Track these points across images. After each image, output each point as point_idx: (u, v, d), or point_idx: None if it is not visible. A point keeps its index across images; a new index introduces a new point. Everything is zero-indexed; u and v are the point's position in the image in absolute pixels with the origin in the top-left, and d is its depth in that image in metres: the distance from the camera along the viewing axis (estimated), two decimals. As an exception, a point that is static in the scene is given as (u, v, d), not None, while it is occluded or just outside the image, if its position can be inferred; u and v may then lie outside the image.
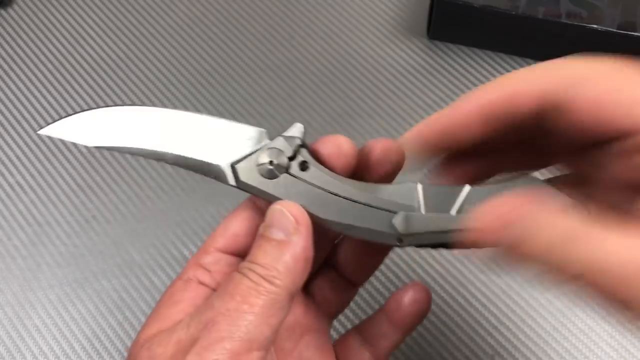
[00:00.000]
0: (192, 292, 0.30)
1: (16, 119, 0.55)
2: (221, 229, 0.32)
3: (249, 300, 0.26)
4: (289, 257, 0.28)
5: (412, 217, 0.29)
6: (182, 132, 0.31)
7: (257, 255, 0.28)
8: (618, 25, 0.52)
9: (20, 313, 0.47)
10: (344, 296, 0.35)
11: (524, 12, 0.53)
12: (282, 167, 0.30)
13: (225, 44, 0.59)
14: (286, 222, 0.28)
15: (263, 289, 0.27)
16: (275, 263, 0.27)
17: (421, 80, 0.56)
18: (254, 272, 0.27)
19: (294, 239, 0.28)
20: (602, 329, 0.46)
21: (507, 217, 0.25)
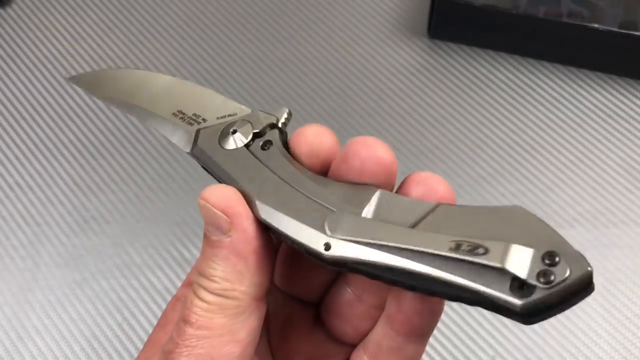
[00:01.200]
0: (178, 313, 0.27)
1: (15, 119, 0.55)
2: None
3: (201, 323, 0.23)
4: (233, 258, 0.24)
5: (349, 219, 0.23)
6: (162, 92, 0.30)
7: (203, 266, 0.24)
8: (619, 24, 0.52)
9: (19, 314, 0.47)
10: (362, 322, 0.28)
11: (525, 11, 0.53)
12: (242, 139, 0.27)
13: (224, 43, 0.58)
14: (216, 219, 0.24)
15: (215, 307, 0.23)
16: (216, 271, 0.24)
17: (421, 80, 0.56)
18: (203, 289, 0.24)
19: (232, 235, 0.24)
20: (602, 329, 0.46)
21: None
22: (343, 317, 0.28)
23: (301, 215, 0.24)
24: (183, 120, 0.29)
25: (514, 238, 0.20)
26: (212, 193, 0.24)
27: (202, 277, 0.24)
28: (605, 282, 0.47)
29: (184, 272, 0.48)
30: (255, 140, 0.27)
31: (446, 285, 0.20)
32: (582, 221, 0.50)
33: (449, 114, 0.54)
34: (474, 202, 0.50)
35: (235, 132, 0.27)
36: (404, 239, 0.21)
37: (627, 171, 0.52)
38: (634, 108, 0.54)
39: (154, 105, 0.29)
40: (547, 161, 0.52)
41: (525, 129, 0.54)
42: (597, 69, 0.56)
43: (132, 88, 0.30)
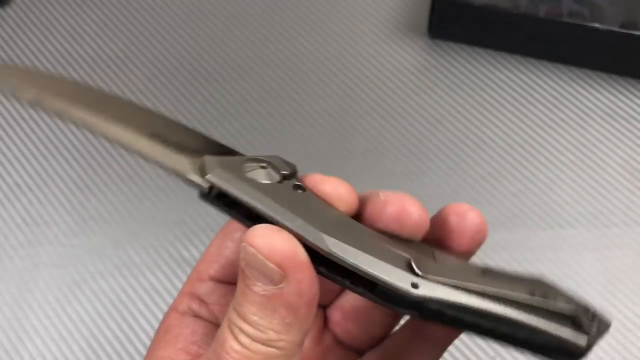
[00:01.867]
0: (189, 328, 0.26)
1: (14, 119, 0.54)
2: (214, 252, 0.28)
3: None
4: (284, 311, 0.22)
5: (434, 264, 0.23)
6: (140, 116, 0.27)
7: (244, 307, 0.22)
8: (620, 24, 0.52)
9: (17, 314, 0.47)
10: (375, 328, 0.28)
11: (526, 11, 0.53)
12: (275, 175, 0.24)
13: (224, 43, 0.58)
14: (267, 271, 0.22)
15: (260, 356, 0.22)
16: (266, 322, 0.22)
17: (421, 80, 0.56)
18: (245, 335, 0.22)
19: (284, 287, 0.22)
20: (604, 329, 0.46)
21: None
22: (358, 322, 0.28)
23: (378, 253, 0.22)
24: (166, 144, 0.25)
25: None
26: (262, 239, 0.22)
27: (244, 322, 0.22)
28: (606, 282, 0.47)
29: (184, 272, 0.48)
30: (285, 182, 0.24)
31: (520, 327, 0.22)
32: (582, 221, 0.49)
33: (449, 114, 0.54)
34: (474, 201, 0.50)
35: (265, 168, 0.24)
36: (491, 284, 0.22)
37: (627, 171, 0.52)
38: (635, 108, 0.54)
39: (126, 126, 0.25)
40: (548, 161, 0.52)
41: (526, 128, 0.54)
42: (598, 69, 0.56)
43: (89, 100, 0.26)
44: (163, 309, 0.47)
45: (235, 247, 0.27)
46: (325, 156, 0.52)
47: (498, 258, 0.48)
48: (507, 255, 0.48)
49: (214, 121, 0.54)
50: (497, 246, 0.48)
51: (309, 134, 0.54)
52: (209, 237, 0.49)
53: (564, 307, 0.22)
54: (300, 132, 0.54)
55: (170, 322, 0.27)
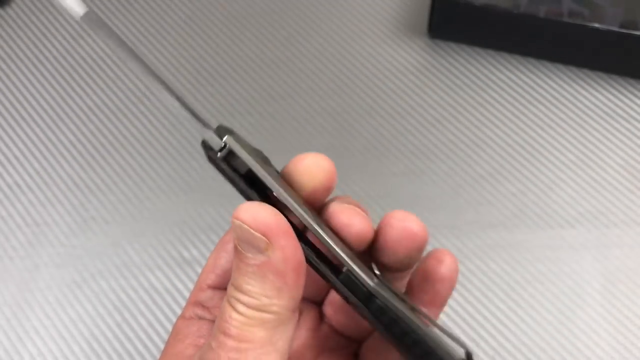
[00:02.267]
0: (195, 327, 0.29)
1: (14, 119, 0.55)
2: (210, 265, 0.30)
3: (245, 336, 0.24)
4: (272, 277, 0.24)
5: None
6: None
7: (238, 280, 0.25)
8: (620, 24, 0.52)
9: (18, 314, 0.47)
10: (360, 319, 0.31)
11: (526, 10, 0.53)
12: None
13: (224, 43, 0.58)
14: (254, 240, 0.24)
15: (255, 321, 0.24)
16: (258, 289, 0.24)
17: (421, 79, 0.56)
18: (240, 303, 0.25)
19: (270, 254, 0.24)
20: (603, 329, 0.46)
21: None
22: (347, 315, 0.30)
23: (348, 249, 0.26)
24: None
25: None
26: (247, 212, 0.24)
27: (239, 292, 0.25)
28: (605, 282, 0.47)
29: (184, 272, 0.48)
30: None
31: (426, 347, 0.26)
32: (582, 221, 0.49)
33: (449, 114, 0.54)
34: (474, 201, 0.50)
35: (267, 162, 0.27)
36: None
37: (627, 171, 0.52)
38: (635, 108, 0.54)
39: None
40: (548, 161, 0.52)
41: (526, 128, 0.54)
42: (597, 69, 0.56)
43: None
44: (163, 309, 0.47)
45: (229, 257, 0.30)
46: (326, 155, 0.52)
47: (498, 258, 0.48)
48: (507, 255, 0.48)
49: (215, 120, 0.54)
50: (497, 246, 0.48)
51: (308, 133, 0.54)
52: (209, 237, 0.49)
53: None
54: (300, 132, 0.54)
55: (178, 326, 0.29)
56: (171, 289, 0.47)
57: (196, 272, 0.48)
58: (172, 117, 0.54)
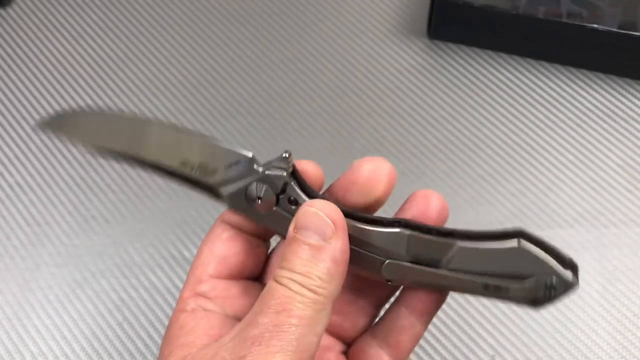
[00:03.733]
0: (204, 319, 0.30)
1: (15, 119, 0.55)
2: (206, 255, 0.31)
3: (295, 313, 0.26)
4: (329, 263, 0.27)
5: (401, 267, 0.29)
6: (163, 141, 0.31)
7: (294, 262, 0.27)
8: (619, 24, 0.52)
9: (19, 313, 0.47)
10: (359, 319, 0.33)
11: (525, 11, 0.53)
12: (271, 203, 0.30)
13: (224, 44, 0.58)
14: (323, 225, 0.27)
15: (308, 300, 0.26)
16: (315, 270, 0.27)
17: (421, 80, 0.56)
18: (295, 282, 0.27)
19: (332, 242, 0.27)
20: (602, 328, 0.46)
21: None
22: (343, 314, 0.32)
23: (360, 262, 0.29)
24: (194, 171, 0.30)
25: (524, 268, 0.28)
26: (322, 204, 0.28)
27: (298, 273, 0.27)
28: (604, 282, 0.47)
29: (184, 271, 0.48)
30: (281, 198, 0.30)
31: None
32: (581, 221, 0.50)
33: (448, 114, 0.54)
34: (473, 201, 0.50)
35: (261, 200, 0.30)
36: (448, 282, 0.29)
37: (626, 171, 0.52)
38: (634, 108, 0.55)
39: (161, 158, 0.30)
40: (547, 161, 0.52)
41: (525, 129, 0.54)
42: (596, 69, 0.56)
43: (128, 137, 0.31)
44: (164, 307, 0.47)
45: (225, 246, 0.31)
46: (325, 156, 0.52)
47: (497, 258, 0.48)
48: (507, 254, 0.48)
49: (215, 121, 0.54)
50: (497, 246, 0.48)
51: (309, 133, 0.54)
52: (210, 236, 0.49)
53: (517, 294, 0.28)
54: (301, 132, 0.54)
55: (183, 320, 0.30)
56: (172, 288, 0.47)
57: (197, 271, 0.48)
58: (172, 117, 0.54)
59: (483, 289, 0.29)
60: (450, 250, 0.29)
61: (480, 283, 0.29)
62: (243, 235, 0.31)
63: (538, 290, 0.28)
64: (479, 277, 0.29)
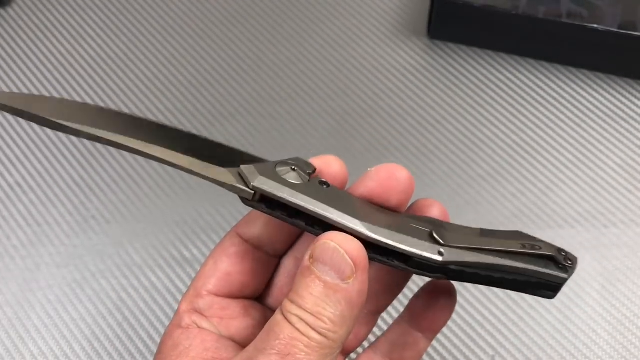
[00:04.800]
0: (198, 338, 0.28)
1: (15, 119, 0.55)
2: (210, 268, 0.30)
3: (298, 356, 0.24)
4: (344, 305, 0.25)
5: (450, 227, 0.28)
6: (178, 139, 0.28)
7: (306, 299, 0.25)
8: (619, 24, 0.52)
9: (19, 313, 0.47)
10: (359, 329, 0.31)
11: (525, 11, 0.53)
12: (305, 176, 0.27)
13: (224, 44, 0.58)
14: (342, 264, 0.25)
15: (315, 344, 0.24)
16: (327, 312, 0.24)
17: (421, 80, 0.56)
18: (304, 322, 0.24)
19: (351, 283, 0.25)
20: (602, 328, 0.46)
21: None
22: None
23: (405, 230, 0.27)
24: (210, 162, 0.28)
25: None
26: (343, 239, 0.25)
27: (308, 313, 0.24)
28: (604, 282, 0.47)
29: (185, 271, 0.48)
30: (311, 180, 0.27)
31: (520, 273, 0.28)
32: (581, 221, 0.50)
33: (448, 114, 0.55)
34: (473, 201, 0.50)
35: (295, 170, 0.27)
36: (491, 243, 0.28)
37: (626, 171, 0.52)
38: (634, 108, 0.55)
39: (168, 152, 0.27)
40: (547, 161, 0.52)
41: (525, 129, 0.54)
42: (596, 69, 0.56)
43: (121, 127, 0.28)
44: (164, 308, 0.47)
45: (231, 262, 0.29)
46: (326, 156, 0.52)
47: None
48: (507, 255, 0.48)
49: (215, 121, 0.54)
50: (497, 246, 0.48)
51: (309, 134, 0.54)
52: (210, 237, 0.49)
53: (547, 252, 0.28)
54: (301, 133, 0.54)
55: (177, 337, 0.28)
56: (172, 288, 0.47)
57: (196, 271, 0.48)
58: (172, 117, 0.54)
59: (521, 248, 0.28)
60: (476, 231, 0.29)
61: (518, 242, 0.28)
62: (252, 252, 0.30)
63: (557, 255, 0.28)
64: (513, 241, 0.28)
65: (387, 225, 0.26)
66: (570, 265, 0.28)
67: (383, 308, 0.32)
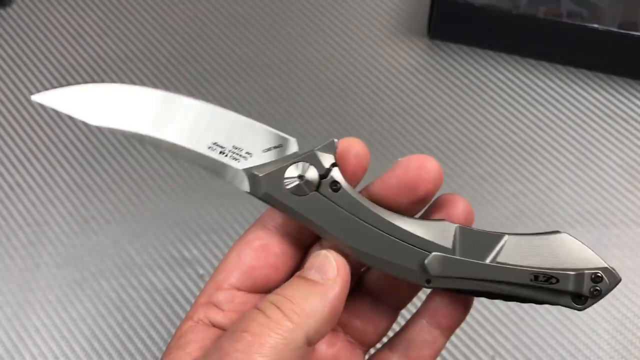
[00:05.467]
0: (201, 334, 0.28)
1: (15, 119, 0.55)
2: (233, 261, 0.29)
3: (260, 339, 0.24)
4: (318, 299, 0.26)
5: (447, 260, 0.28)
6: (193, 122, 0.29)
7: (286, 289, 0.26)
8: (619, 24, 0.52)
9: (19, 313, 0.47)
10: (380, 323, 0.32)
11: (525, 11, 0.53)
12: (312, 185, 0.28)
13: (224, 44, 0.59)
14: (327, 267, 0.27)
15: (277, 326, 0.25)
16: (302, 300, 0.26)
17: (421, 80, 0.56)
18: (274, 306, 0.25)
19: (330, 284, 0.26)
20: (602, 328, 0.46)
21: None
22: (365, 318, 0.31)
23: (398, 257, 0.28)
24: (224, 155, 0.29)
25: (570, 263, 0.28)
26: (334, 253, 0.28)
27: (279, 295, 0.26)
28: (604, 282, 0.47)
29: (184, 271, 0.48)
30: (322, 182, 0.28)
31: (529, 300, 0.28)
32: (581, 221, 0.50)
33: (448, 114, 0.55)
34: (474, 202, 0.50)
35: (302, 178, 0.28)
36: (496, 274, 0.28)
37: (626, 171, 0.52)
38: (634, 108, 0.55)
39: (185, 138, 0.29)
40: (547, 161, 0.52)
41: (525, 129, 0.54)
42: (596, 69, 0.56)
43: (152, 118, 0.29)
44: (164, 308, 0.47)
45: (255, 255, 0.29)
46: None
47: (497, 258, 0.48)
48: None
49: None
50: (497, 246, 0.48)
51: (309, 134, 0.54)
52: (210, 237, 0.49)
53: (561, 287, 0.28)
54: (301, 133, 0.54)
55: (185, 330, 0.29)
56: (171, 288, 0.48)
57: (196, 271, 0.48)
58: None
59: (532, 280, 0.28)
60: (499, 241, 0.28)
61: (529, 272, 0.27)
62: (277, 246, 0.30)
63: (585, 282, 0.27)
64: (527, 269, 0.28)
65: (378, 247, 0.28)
66: (597, 293, 0.27)
67: (404, 303, 0.32)
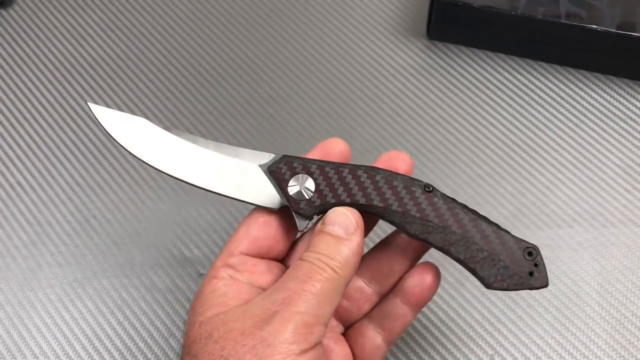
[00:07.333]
0: (234, 286, 0.35)
1: (16, 119, 0.55)
2: (242, 233, 0.36)
3: (317, 284, 0.32)
4: (348, 251, 0.33)
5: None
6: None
7: (320, 247, 0.33)
8: (617, 25, 0.52)
9: (20, 312, 0.47)
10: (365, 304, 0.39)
11: (524, 12, 0.53)
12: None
13: (225, 44, 0.59)
14: (348, 223, 0.34)
15: (329, 275, 0.32)
16: (337, 254, 0.33)
17: (421, 80, 0.56)
18: (321, 261, 0.33)
19: (353, 237, 0.34)
20: (600, 327, 0.46)
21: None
22: (352, 299, 0.38)
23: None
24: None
25: None
26: (350, 209, 0.35)
27: (322, 254, 0.33)
28: (603, 281, 0.48)
29: (185, 271, 0.48)
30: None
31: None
32: (580, 221, 0.50)
33: (448, 114, 0.55)
34: (472, 201, 0.50)
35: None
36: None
37: (625, 171, 0.52)
38: (632, 108, 0.55)
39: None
40: (545, 161, 0.52)
41: (523, 129, 0.54)
42: (595, 70, 0.56)
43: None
44: (165, 307, 0.47)
45: (260, 228, 0.36)
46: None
47: (497, 257, 0.48)
48: (506, 254, 0.48)
49: (215, 122, 0.54)
50: (496, 245, 0.48)
51: (309, 134, 0.54)
52: (210, 236, 0.49)
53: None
54: (301, 133, 0.54)
55: (214, 284, 0.35)
56: (172, 288, 0.48)
57: (197, 270, 0.48)
58: (172, 117, 0.55)
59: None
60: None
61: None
62: (277, 222, 0.37)
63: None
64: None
65: None
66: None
67: (386, 290, 0.38)
